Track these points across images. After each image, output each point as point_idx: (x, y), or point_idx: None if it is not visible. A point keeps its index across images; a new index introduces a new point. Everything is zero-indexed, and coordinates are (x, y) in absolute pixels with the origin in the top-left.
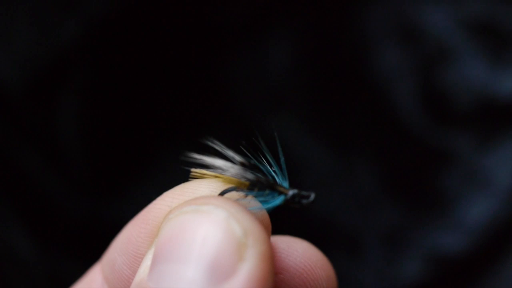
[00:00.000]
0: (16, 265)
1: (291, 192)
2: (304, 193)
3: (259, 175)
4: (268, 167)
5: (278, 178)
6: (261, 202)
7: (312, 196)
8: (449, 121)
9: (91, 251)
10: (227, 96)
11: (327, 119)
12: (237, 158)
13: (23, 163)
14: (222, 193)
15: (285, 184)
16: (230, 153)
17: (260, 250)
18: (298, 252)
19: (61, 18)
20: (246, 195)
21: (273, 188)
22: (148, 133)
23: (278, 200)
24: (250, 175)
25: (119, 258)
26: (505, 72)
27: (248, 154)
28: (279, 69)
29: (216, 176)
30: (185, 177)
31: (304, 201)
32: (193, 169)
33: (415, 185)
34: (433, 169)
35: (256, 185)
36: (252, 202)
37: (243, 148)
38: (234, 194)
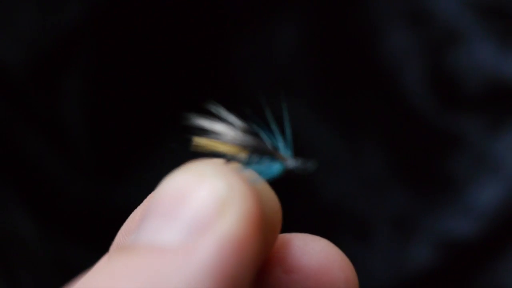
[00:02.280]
0: (19, 249)
1: (290, 160)
2: (303, 161)
3: (260, 141)
4: (271, 135)
5: (281, 147)
6: (262, 170)
7: (312, 165)
8: (458, 105)
9: (95, 235)
10: (233, 79)
11: (334, 102)
12: (238, 123)
13: (26, 146)
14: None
15: (288, 153)
16: (231, 118)
17: (242, 209)
18: (315, 250)
19: (65, 0)
20: (247, 162)
21: (273, 155)
22: (153, 116)
23: (278, 168)
24: (250, 141)
25: (123, 240)
26: None
27: (251, 120)
28: (285, 51)
29: (217, 144)
30: (189, 155)
31: (303, 171)
32: (195, 138)
33: (425, 169)
34: (442, 153)
35: (256, 152)
36: (252, 173)
37: (247, 114)
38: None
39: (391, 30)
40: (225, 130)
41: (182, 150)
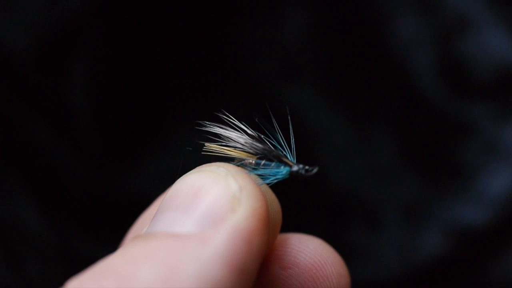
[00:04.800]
0: (25, 238)
1: (296, 166)
2: (308, 167)
3: (267, 146)
4: (277, 141)
5: (286, 152)
6: (268, 174)
7: (315, 169)
8: (468, 92)
9: (101, 223)
10: (241, 65)
11: (344, 89)
12: (248, 130)
13: (32, 134)
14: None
15: (292, 159)
16: (241, 126)
17: (252, 206)
18: (309, 248)
19: None
20: (255, 167)
21: (280, 159)
22: (160, 103)
23: (284, 171)
24: (258, 147)
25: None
26: None
27: (262, 127)
28: (294, 38)
29: (228, 150)
30: (196, 148)
31: (307, 174)
32: (206, 144)
33: (435, 157)
34: (452, 141)
35: (264, 157)
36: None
37: (257, 121)
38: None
39: (401, 17)
40: (235, 137)
41: (188, 139)
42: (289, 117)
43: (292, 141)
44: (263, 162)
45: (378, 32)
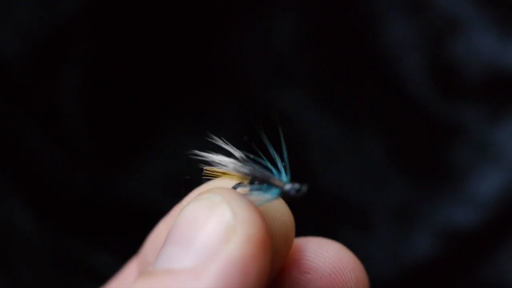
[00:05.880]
0: (18, 242)
1: (286, 186)
2: (297, 186)
3: (255, 169)
4: (268, 157)
5: (277, 172)
6: (262, 194)
7: (305, 188)
8: (458, 94)
9: (94, 227)
10: (232, 69)
11: (334, 92)
12: (236, 153)
13: (24, 138)
14: (234, 188)
15: (285, 177)
16: (230, 148)
17: (247, 233)
18: (328, 253)
19: None
20: (250, 189)
21: (269, 182)
22: (152, 107)
23: (275, 193)
24: (247, 170)
25: (150, 253)
26: None
27: (253, 145)
28: (285, 42)
29: (226, 174)
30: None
31: (297, 193)
32: (205, 168)
33: (425, 159)
34: (443, 143)
35: (255, 179)
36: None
37: (246, 140)
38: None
39: (391, 19)
40: (226, 161)
41: (178, 142)
42: (280, 132)
43: (285, 155)
44: (256, 183)
45: (368, 35)
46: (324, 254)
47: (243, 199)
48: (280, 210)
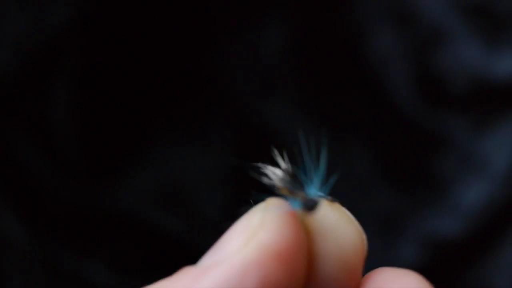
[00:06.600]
0: (9, 252)
1: (306, 199)
2: (311, 199)
3: (287, 182)
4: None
5: (309, 184)
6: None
7: (318, 201)
8: (444, 104)
9: (86, 238)
10: (220, 81)
11: (321, 103)
12: (283, 166)
13: (14, 150)
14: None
15: (315, 191)
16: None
17: (263, 240)
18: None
19: (53, 2)
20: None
21: (294, 194)
22: (142, 119)
23: (297, 205)
24: (284, 183)
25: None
26: (500, 54)
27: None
28: (271, 53)
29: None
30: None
31: (311, 208)
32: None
33: (410, 169)
34: (428, 153)
35: (290, 192)
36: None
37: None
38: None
39: (377, 31)
40: (275, 176)
41: (168, 153)
42: (321, 153)
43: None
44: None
45: (354, 46)
46: None
47: (280, 207)
48: (345, 233)
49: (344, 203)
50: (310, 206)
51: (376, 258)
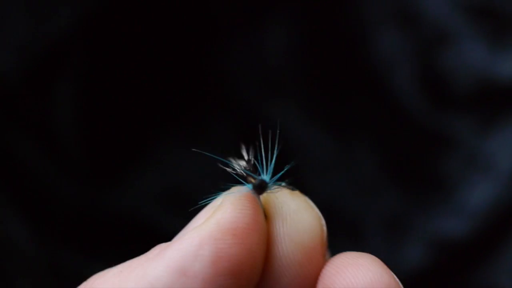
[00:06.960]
0: (14, 255)
1: (256, 181)
2: (260, 180)
3: (248, 171)
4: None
5: (261, 170)
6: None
7: (266, 182)
8: (449, 105)
9: (90, 240)
10: (224, 82)
11: (326, 104)
12: (245, 155)
13: (19, 152)
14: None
15: (267, 176)
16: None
17: (219, 217)
18: (361, 269)
19: (57, 5)
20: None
21: (246, 178)
22: (146, 121)
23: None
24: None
25: None
26: (504, 55)
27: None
28: (276, 54)
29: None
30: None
31: (261, 188)
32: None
33: (416, 169)
34: (433, 153)
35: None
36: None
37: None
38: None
39: (382, 32)
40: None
41: (172, 155)
42: (276, 140)
43: (270, 155)
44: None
45: (359, 47)
46: (356, 271)
47: (239, 191)
48: (303, 218)
49: (349, 204)
50: (260, 186)
51: (382, 258)
